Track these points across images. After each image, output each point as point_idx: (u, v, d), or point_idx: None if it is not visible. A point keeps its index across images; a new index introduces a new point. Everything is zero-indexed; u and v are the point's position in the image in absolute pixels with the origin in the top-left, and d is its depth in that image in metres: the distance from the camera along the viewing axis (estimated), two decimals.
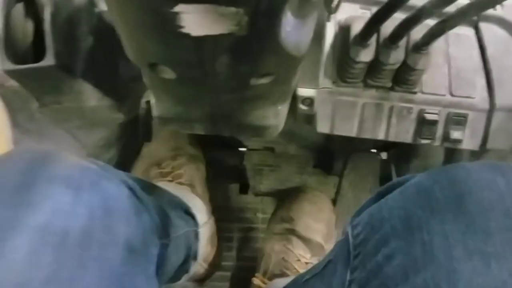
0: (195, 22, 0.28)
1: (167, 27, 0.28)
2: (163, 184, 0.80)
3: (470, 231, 0.35)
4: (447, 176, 0.39)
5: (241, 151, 1.04)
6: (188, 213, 0.76)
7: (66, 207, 0.39)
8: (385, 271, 0.39)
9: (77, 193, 0.40)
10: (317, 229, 0.85)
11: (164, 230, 0.57)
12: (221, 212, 0.98)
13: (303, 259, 0.81)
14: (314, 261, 0.80)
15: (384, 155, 1.01)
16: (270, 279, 0.80)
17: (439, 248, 0.36)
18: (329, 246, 0.83)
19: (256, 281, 0.81)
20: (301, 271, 0.78)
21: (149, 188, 0.62)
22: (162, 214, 0.58)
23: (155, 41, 0.32)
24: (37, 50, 0.46)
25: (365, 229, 0.45)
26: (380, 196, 0.46)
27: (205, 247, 0.81)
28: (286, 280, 0.74)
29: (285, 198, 0.91)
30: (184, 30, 0.29)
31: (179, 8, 0.27)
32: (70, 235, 0.38)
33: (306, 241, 0.83)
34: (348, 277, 0.45)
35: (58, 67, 0.46)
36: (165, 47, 0.32)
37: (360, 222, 0.46)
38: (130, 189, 0.48)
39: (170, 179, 0.83)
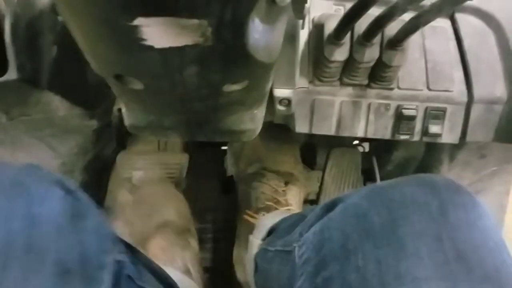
0: (157, 35, 0.27)
1: (129, 40, 0.27)
2: None
3: (402, 256, 0.36)
4: (383, 199, 0.40)
5: (223, 149, 1.03)
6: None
7: None
8: None
9: None
10: (284, 160, 0.89)
11: (124, 244, 0.48)
12: (205, 213, 0.97)
13: (279, 188, 0.85)
14: (290, 188, 0.86)
15: (366, 146, 1.01)
16: (257, 212, 0.82)
17: (372, 273, 0.36)
18: (297, 172, 0.90)
19: (247, 217, 0.82)
20: (280, 199, 0.82)
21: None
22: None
23: (118, 54, 0.30)
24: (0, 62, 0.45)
25: (308, 249, 0.46)
26: (324, 212, 0.46)
27: None
28: (272, 216, 0.76)
29: (249, 142, 0.91)
30: (147, 43, 0.27)
31: (138, 21, 0.25)
32: None
33: (277, 172, 0.87)
34: None
35: (22, 80, 0.44)
36: (129, 59, 0.31)
37: (305, 242, 0.47)
38: (67, 190, 0.39)
39: (162, 265, 0.68)
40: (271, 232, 0.73)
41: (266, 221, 0.76)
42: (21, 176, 0.36)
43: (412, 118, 0.56)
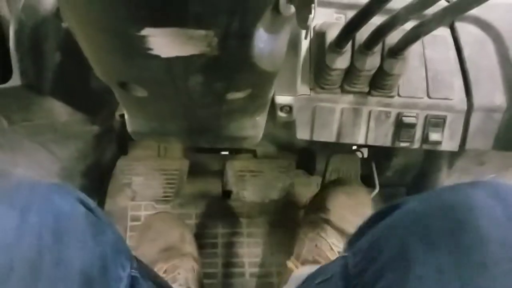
0: (164, 45, 0.27)
1: (136, 49, 0.27)
2: None
3: (466, 264, 0.34)
4: (443, 201, 0.38)
5: (223, 155, 1.03)
6: None
7: (10, 234, 0.35)
8: None
9: (23, 214, 0.36)
10: (353, 221, 0.82)
11: (136, 261, 0.50)
12: (205, 218, 0.97)
13: (335, 248, 0.79)
14: None
15: (365, 152, 1.01)
16: (303, 263, 0.79)
17: (433, 283, 0.35)
18: None
19: (289, 264, 0.80)
20: (332, 258, 0.76)
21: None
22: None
23: (124, 62, 0.31)
24: (3, 68, 0.45)
25: (364, 258, 0.43)
26: (377, 219, 0.44)
27: None
28: (311, 267, 0.72)
29: (323, 189, 0.89)
30: (153, 52, 0.27)
31: (146, 31, 0.25)
32: (15, 270, 0.34)
33: (339, 231, 0.81)
34: None
35: (26, 86, 0.44)
36: (134, 68, 0.31)
37: (359, 250, 0.45)
38: (87, 208, 0.42)
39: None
40: (306, 280, 0.69)
41: (305, 271, 0.73)
42: (50, 193, 0.39)
43: (412, 125, 0.56)
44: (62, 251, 0.37)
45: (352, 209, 0.83)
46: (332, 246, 0.79)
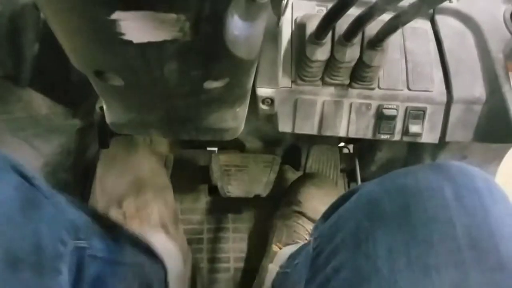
0: (135, 29, 0.27)
1: (107, 34, 0.27)
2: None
3: (413, 242, 0.35)
4: (395, 184, 0.39)
5: (209, 150, 1.03)
6: (152, 254, 0.64)
7: None
8: (332, 285, 0.40)
9: None
10: (323, 211, 0.86)
11: (87, 229, 0.45)
12: (191, 214, 0.97)
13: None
14: None
15: (351, 148, 1.02)
16: (285, 245, 0.81)
17: (383, 260, 0.36)
18: None
19: (274, 247, 0.81)
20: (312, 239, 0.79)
21: (83, 207, 0.49)
22: (93, 218, 0.48)
23: (97, 49, 0.31)
24: None
25: (322, 241, 0.45)
26: (340, 203, 0.46)
27: None
28: (294, 246, 0.76)
29: (293, 183, 0.92)
30: (126, 37, 0.27)
31: (116, 15, 0.25)
32: None
33: (313, 221, 0.83)
34: None
35: (3, 77, 0.43)
36: (108, 55, 0.31)
37: (320, 234, 0.46)
38: (24, 177, 0.37)
39: (137, 225, 0.68)
40: (289, 258, 0.72)
41: (287, 250, 0.76)
42: None
43: (392, 117, 0.57)
44: None
45: (323, 199, 0.85)
46: (309, 230, 0.81)
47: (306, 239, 0.80)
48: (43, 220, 0.38)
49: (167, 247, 0.68)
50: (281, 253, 0.78)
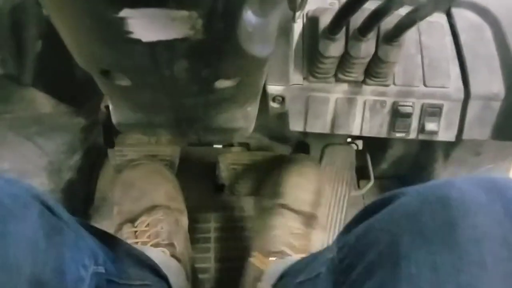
0: (144, 28, 0.25)
1: (115, 33, 0.26)
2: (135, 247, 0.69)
3: (463, 264, 0.32)
4: (438, 196, 0.35)
5: (216, 148, 1.01)
6: (158, 274, 0.65)
7: None
8: None
9: None
10: (306, 199, 0.81)
11: (103, 255, 0.48)
12: (197, 213, 0.95)
13: (296, 230, 0.78)
14: (308, 230, 0.78)
15: (360, 144, 1.00)
16: (267, 256, 0.76)
17: (427, 283, 0.32)
18: (319, 213, 0.81)
19: (255, 261, 0.77)
20: (296, 243, 0.75)
21: (94, 230, 0.52)
22: (103, 241, 0.50)
23: (104, 48, 0.29)
24: None
25: (351, 253, 0.41)
26: (368, 213, 0.41)
27: None
28: (284, 262, 0.71)
29: (273, 172, 0.86)
30: (134, 36, 0.26)
31: (125, 13, 0.24)
32: None
33: (297, 212, 0.80)
34: None
35: (5, 76, 0.42)
36: (116, 54, 0.29)
37: (346, 244, 0.42)
38: (45, 205, 0.40)
39: (146, 240, 0.71)
40: (283, 277, 0.67)
41: (278, 266, 0.71)
42: None
43: (408, 115, 0.55)
44: (9, 254, 0.35)
45: (303, 187, 0.82)
46: (291, 229, 0.78)
47: (290, 242, 0.76)
48: (66, 246, 0.40)
49: (171, 264, 0.70)
50: (269, 270, 0.75)
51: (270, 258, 0.75)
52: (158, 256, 0.68)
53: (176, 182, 0.83)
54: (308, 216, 0.80)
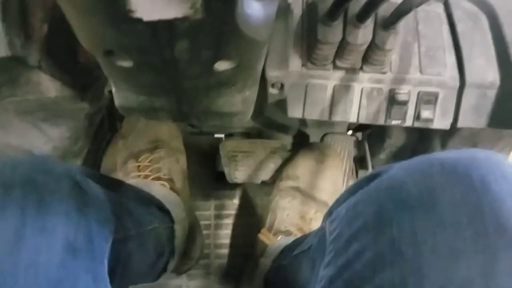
0: (146, 6, 0.26)
1: (117, 11, 0.27)
2: (138, 181, 0.78)
3: (440, 226, 0.34)
4: (420, 169, 0.38)
5: (217, 137, 1.02)
6: (162, 209, 0.74)
7: None
8: (354, 268, 0.39)
9: (6, 192, 0.38)
10: (323, 187, 0.84)
11: (120, 224, 0.54)
12: (198, 200, 0.97)
13: (307, 215, 0.81)
14: (318, 216, 0.81)
15: (359, 136, 1.01)
16: (275, 234, 0.81)
17: (407, 244, 0.35)
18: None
19: (261, 236, 0.81)
20: (305, 228, 0.79)
21: (107, 182, 0.58)
22: (118, 207, 0.55)
23: (107, 27, 0.30)
24: None
25: (341, 224, 0.44)
26: (358, 187, 0.44)
27: (183, 243, 0.80)
28: (287, 239, 0.76)
29: (292, 156, 0.90)
30: (136, 15, 0.27)
31: None
32: None
33: (310, 198, 0.83)
34: (320, 273, 0.44)
35: (12, 58, 0.43)
36: (118, 33, 0.31)
37: (337, 217, 0.45)
38: (74, 181, 0.45)
39: (148, 173, 0.80)
40: (283, 251, 0.72)
41: (280, 242, 0.75)
42: (32, 173, 0.40)
43: (404, 102, 0.56)
44: (46, 219, 0.39)
45: (321, 174, 0.85)
46: (303, 213, 0.81)
47: (299, 225, 0.79)
48: (93, 219, 0.45)
49: (171, 197, 0.79)
50: (272, 246, 0.77)
51: (278, 237, 0.79)
52: (160, 189, 0.77)
53: (177, 126, 0.91)
54: (321, 204, 0.83)
